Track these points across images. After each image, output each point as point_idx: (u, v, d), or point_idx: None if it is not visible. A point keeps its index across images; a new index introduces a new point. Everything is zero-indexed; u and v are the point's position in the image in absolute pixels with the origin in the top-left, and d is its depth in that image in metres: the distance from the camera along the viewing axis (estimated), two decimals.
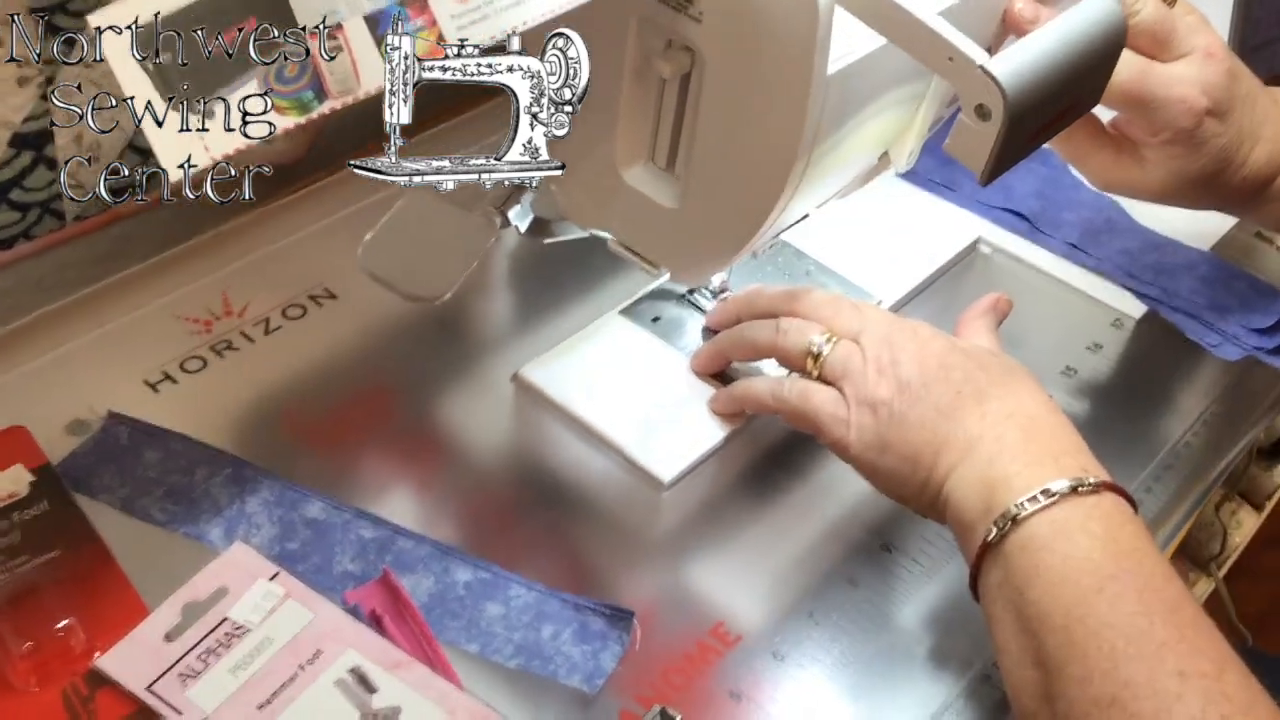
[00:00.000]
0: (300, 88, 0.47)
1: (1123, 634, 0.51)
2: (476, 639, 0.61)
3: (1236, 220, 0.90)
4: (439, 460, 0.70)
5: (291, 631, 0.59)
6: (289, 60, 0.47)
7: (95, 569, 0.61)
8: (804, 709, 0.61)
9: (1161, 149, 0.72)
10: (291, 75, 0.47)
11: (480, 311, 0.79)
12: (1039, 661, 0.54)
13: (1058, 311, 0.84)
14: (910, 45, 0.53)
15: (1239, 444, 0.77)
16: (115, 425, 0.68)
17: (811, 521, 0.69)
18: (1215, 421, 0.78)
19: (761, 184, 0.61)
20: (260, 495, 0.66)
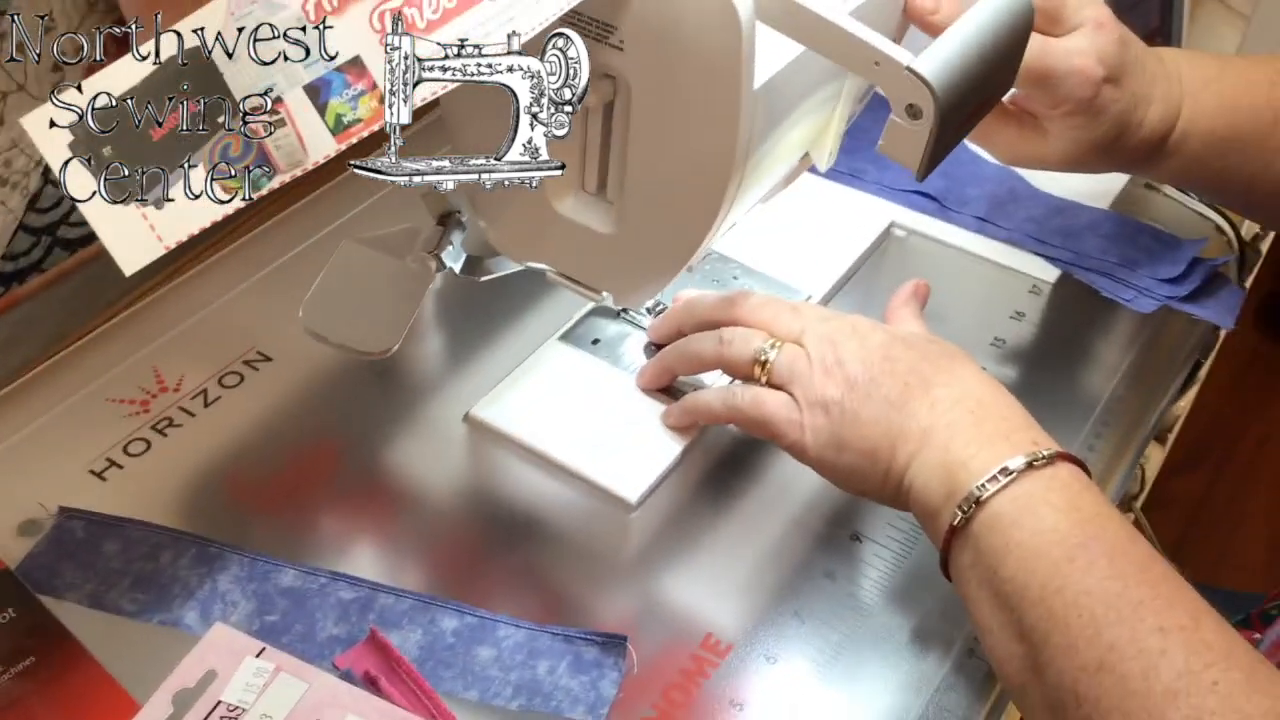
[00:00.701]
0: (248, 165, 0.47)
1: (1100, 599, 0.53)
2: (474, 685, 0.61)
3: (1129, 176, 0.94)
4: (402, 511, 0.70)
5: (288, 706, 0.59)
6: (231, 140, 0.46)
7: (75, 670, 0.60)
8: (805, 709, 0.62)
9: (1063, 120, 0.75)
10: (236, 154, 0.47)
11: (418, 355, 0.79)
12: (1022, 636, 0.55)
13: (977, 285, 0.87)
14: (836, 54, 0.54)
15: (1168, 391, 0.80)
16: (68, 520, 0.66)
17: (779, 522, 0.71)
18: (1142, 373, 0.81)
19: (698, 201, 0.62)
20: (230, 572, 0.65)
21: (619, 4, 0.56)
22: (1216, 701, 0.50)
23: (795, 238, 0.87)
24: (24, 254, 0.83)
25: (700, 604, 0.66)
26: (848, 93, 0.67)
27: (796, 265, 0.84)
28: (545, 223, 0.67)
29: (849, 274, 0.86)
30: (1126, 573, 0.54)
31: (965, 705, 0.63)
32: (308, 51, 0.46)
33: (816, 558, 0.69)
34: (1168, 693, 0.50)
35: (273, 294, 0.80)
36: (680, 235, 0.64)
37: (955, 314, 0.83)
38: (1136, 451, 0.77)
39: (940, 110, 0.53)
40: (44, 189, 0.81)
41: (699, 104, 0.58)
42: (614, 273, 0.68)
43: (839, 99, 0.67)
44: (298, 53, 0.46)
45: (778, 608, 0.66)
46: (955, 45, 0.54)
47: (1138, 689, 0.51)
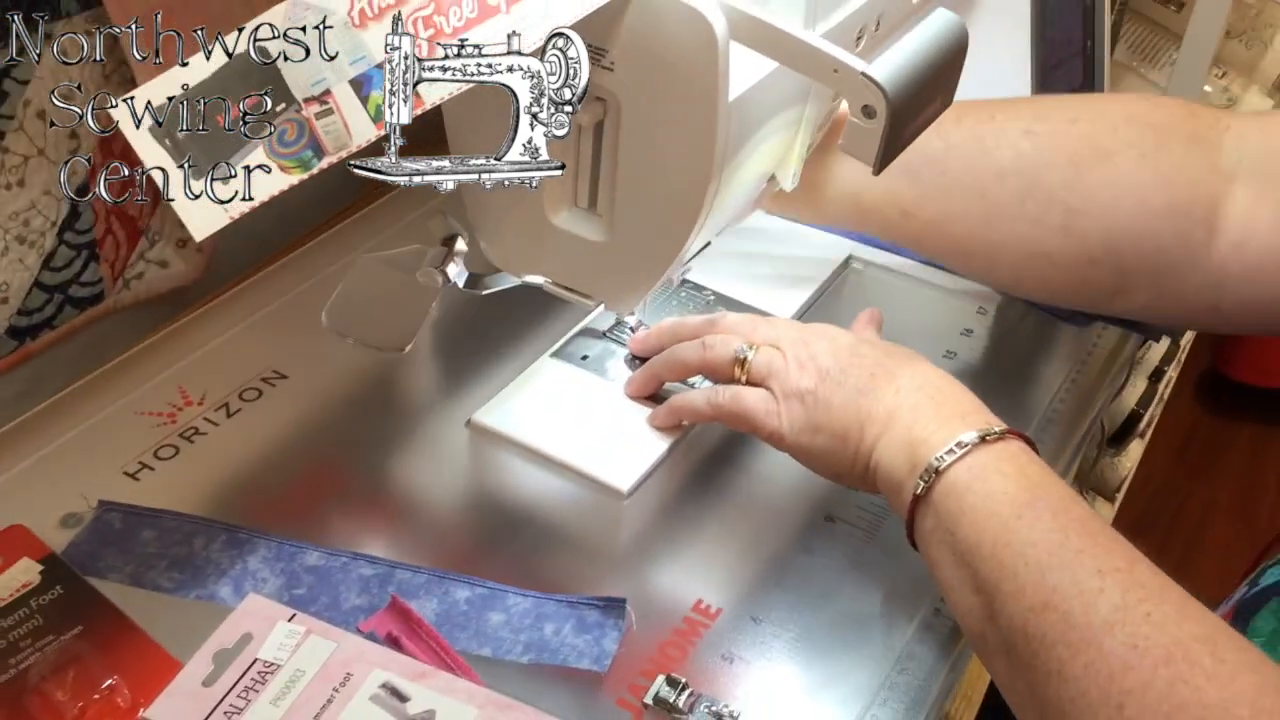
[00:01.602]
0: (300, 149, 0.54)
1: (1044, 549, 0.60)
2: (487, 644, 0.67)
3: None
4: (410, 510, 0.76)
5: (319, 661, 0.64)
6: (288, 126, 0.54)
7: (120, 636, 0.65)
8: (788, 660, 0.68)
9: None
10: (291, 139, 0.54)
11: (420, 372, 0.85)
12: (977, 588, 0.62)
13: (930, 307, 0.95)
14: (798, 64, 0.63)
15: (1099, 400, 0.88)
16: (107, 512, 0.72)
17: (761, 508, 0.77)
18: (1079, 381, 0.89)
19: (680, 208, 0.70)
20: (259, 554, 0.70)
21: (610, 28, 0.64)
22: (1150, 629, 0.56)
23: (763, 269, 0.95)
24: (37, 310, 0.88)
25: (690, 577, 0.73)
26: (809, 119, 0.76)
27: (764, 293, 0.92)
28: (540, 236, 0.75)
29: (812, 300, 0.94)
30: (1068, 526, 0.61)
31: (932, 657, 0.69)
32: (353, 50, 0.53)
33: (795, 536, 0.75)
34: (1105, 624, 0.56)
35: (287, 321, 0.87)
36: (664, 241, 0.72)
37: (910, 331, 0.91)
38: (1073, 452, 0.85)
39: (891, 109, 0.61)
40: (58, 249, 0.87)
41: (681, 117, 0.66)
42: (605, 280, 0.76)
43: (800, 124, 0.75)
44: (345, 51, 0.53)
45: (762, 577, 0.73)
46: (903, 55, 0.63)
47: (1079, 623, 0.57)
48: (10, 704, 0.61)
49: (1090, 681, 0.56)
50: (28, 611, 0.66)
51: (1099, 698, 0.55)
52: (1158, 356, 1.49)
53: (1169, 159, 0.79)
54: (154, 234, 0.91)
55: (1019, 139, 0.81)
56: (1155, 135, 0.80)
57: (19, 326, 0.86)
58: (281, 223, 0.97)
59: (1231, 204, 0.78)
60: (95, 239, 0.86)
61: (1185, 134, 0.80)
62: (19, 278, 0.83)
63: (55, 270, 0.87)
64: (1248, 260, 0.78)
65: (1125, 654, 0.55)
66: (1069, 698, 0.56)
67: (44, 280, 0.87)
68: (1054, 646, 0.57)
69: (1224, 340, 2.45)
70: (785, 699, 0.66)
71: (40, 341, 0.88)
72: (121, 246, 0.90)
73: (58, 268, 0.87)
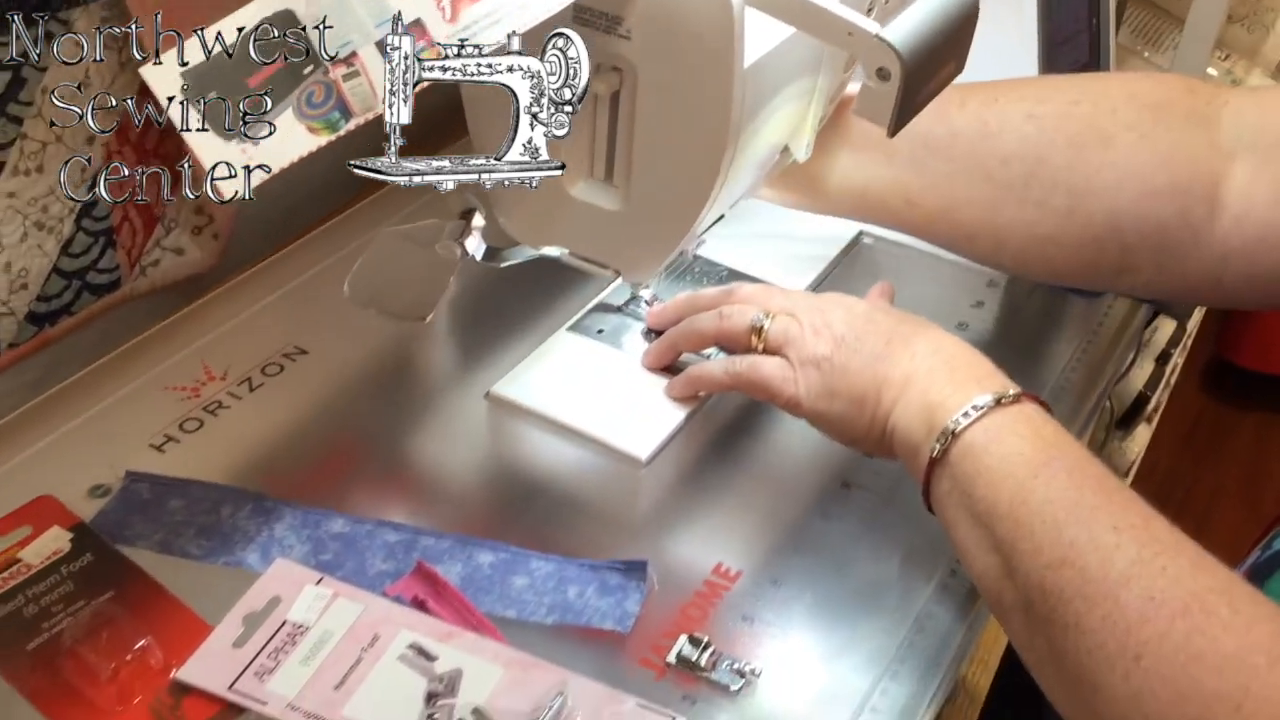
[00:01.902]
0: (328, 110, 0.55)
1: (1060, 506, 0.61)
2: (512, 606, 0.68)
3: None
4: (430, 481, 0.77)
5: (347, 623, 0.65)
6: (315, 88, 0.55)
7: (151, 600, 0.66)
8: (807, 621, 0.69)
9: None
10: (319, 100, 0.55)
11: (438, 346, 0.86)
12: (994, 547, 0.63)
13: (941, 280, 0.96)
14: (814, 28, 0.64)
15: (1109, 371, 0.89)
16: (135, 483, 0.73)
17: (778, 475, 0.78)
18: (1089, 352, 0.90)
19: (696, 176, 0.71)
20: (285, 521, 0.71)
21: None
22: (1166, 582, 0.57)
23: (776, 244, 0.96)
24: (55, 296, 0.89)
25: (710, 540, 0.73)
26: (821, 89, 0.77)
27: (777, 267, 0.93)
28: (557, 207, 0.76)
29: (825, 274, 0.95)
30: (1084, 485, 0.61)
31: (949, 619, 0.70)
32: (378, 12, 0.54)
33: (812, 502, 0.76)
34: (1121, 578, 0.57)
35: (307, 298, 0.88)
36: (681, 210, 0.73)
37: (922, 304, 0.90)
38: (1085, 419, 0.86)
39: (906, 72, 0.62)
40: (76, 235, 0.88)
41: (697, 84, 0.67)
42: (622, 250, 0.77)
43: (814, 94, 0.76)
44: (370, 14, 0.54)
45: (780, 542, 0.73)
46: (917, 19, 0.64)
47: (1095, 577, 0.58)
48: (45, 665, 0.63)
49: (1108, 634, 0.56)
50: (59, 578, 0.67)
51: (1116, 649, 0.56)
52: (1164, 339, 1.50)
53: (1168, 138, 0.80)
54: (170, 221, 0.92)
55: (1022, 123, 0.82)
56: (1154, 115, 0.81)
57: (38, 313, 0.86)
58: (293, 213, 0.98)
59: (1231, 179, 0.79)
60: (112, 226, 0.87)
61: (1184, 112, 0.81)
62: (38, 264, 0.84)
63: (73, 257, 0.87)
64: (1248, 234, 0.79)
65: (1142, 606, 0.56)
66: (1086, 649, 0.57)
67: (62, 266, 0.87)
68: (1071, 601, 0.58)
69: (1229, 326, 2.46)
70: (805, 659, 0.67)
71: (59, 328, 0.89)
72: (138, 233, 0.90)
73: (76, 254, 0.88)
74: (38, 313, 0.86)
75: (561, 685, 0.62)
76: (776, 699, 0.65)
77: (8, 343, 0.84)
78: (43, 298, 0.86)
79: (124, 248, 0.89)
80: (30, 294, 0.84)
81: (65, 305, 0.89)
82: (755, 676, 0.65)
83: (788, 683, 0.66)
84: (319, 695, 0.62)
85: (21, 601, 0.65)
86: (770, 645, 0.68)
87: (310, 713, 0.61)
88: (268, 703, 0.61)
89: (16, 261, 0.82)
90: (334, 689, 0.62)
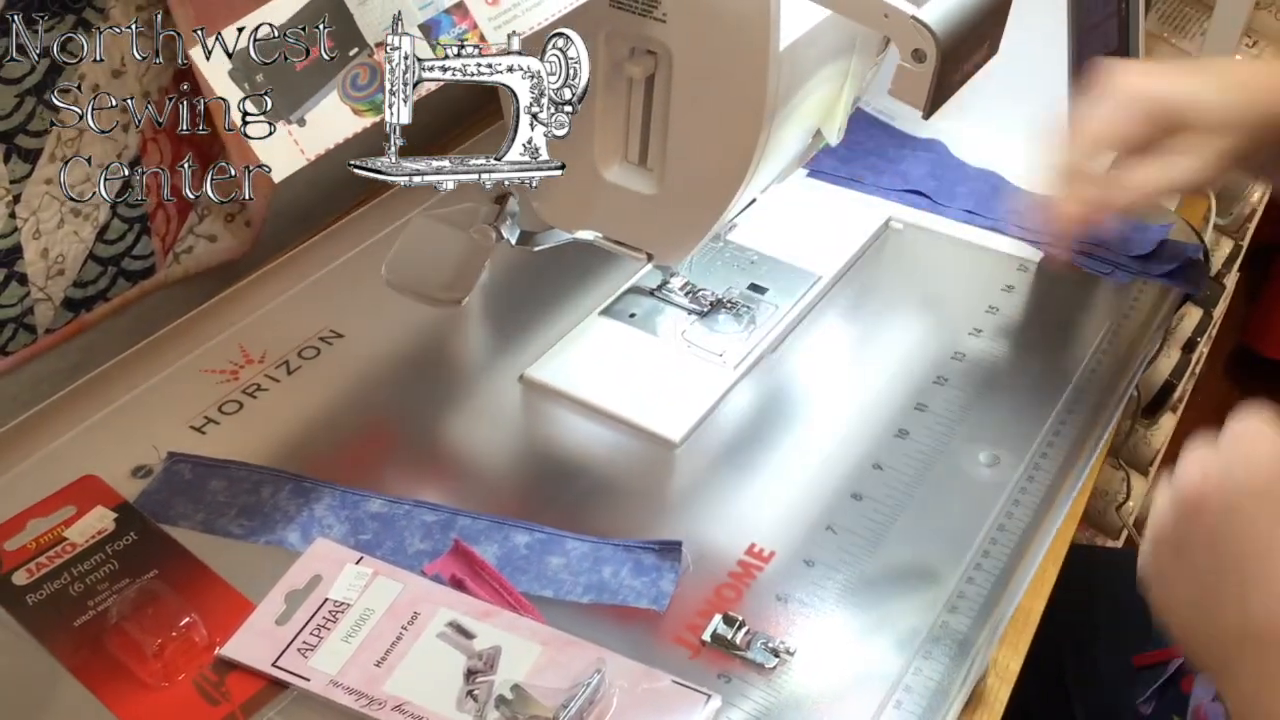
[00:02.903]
0: (372, 92, 0.56)
1: None
2: (548, 585, 0.69)
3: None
4: (465, 462, 0.78)
5: (387, 601, 0.66)
6: (360, 70, 0.55)
7: (194, 578, 0.67)
8: (840, 601, 0.70)
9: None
10: (364, 82, 0.56)
11: (472, 331, 0.87)
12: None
13: (970, 266, 0.96)
14: (851, 10, 0.64)
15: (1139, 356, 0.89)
16: (177, 464, 0.74)
17: (809, 457, 0.79)
18: (1120, 336, 0.90)
19: (731, 158, 0.71)
20: (324, 501, 0.72)
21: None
22: None
23: (802, 231, 0.96)
24: (91, 282, 0.90)
25: (743, 522, 0.74)
26: (854, 72, 0.77)
27: (805, 252, 0.94)
28: (591, 191, 0.76)
29: (852, 260, 0.95)
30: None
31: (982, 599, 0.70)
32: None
33: (844, 484, 0.77)
34: None
35: (342, 283, 0.89)
36: (714, 193, 0.74)
37: (953, 288, 0.92)
38: (1115, 404, 0.86)
39: (941, 52, 0.63)
40: (111, 221, 0.89)
41: (732, 67, 0.67)
42: (656, 233, 0.77)
43: (847, 77, 0.77)
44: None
45: (813, 522, 0.74)
46: (952, 1, 0.64)
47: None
48: (91, 642, 0.64)
49: None
50: (104, 556, 0.68)
51: None
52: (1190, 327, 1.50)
53: None
54: (204, 208, 0.93)
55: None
56: None
57: (74, 299, 0.88)
58: (325, 201, 0.99)
59: None
60: (147, 213, 0.88)
61: None
62: (74, 250, 0.85)
63: (109, 243, 0.88)
64: None
65: None
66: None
67: (98, 253, 0.89)
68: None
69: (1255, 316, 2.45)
70: (839, 638, 0.68)
71: (94, 314, 0.90)
72: (172, 220, 0.91)
73: (111, 240, 0.89)
74: (74, 299, 0.87)
75: (598, 663, 0.63)
76: (810, 678, 0.65)
77: (45, 328, 0.85)
78: (79, 284, 0.87)
79: (158, 234, 0.90)
80: (67, 280, 0.85)
81: (101, 291, 0.90)
82: (790, 655, 0.66)
83: (821, 662, 0.66)
84: (361, 671, 0.62)
85: (67, 580, 0.67)
86: (804, 625, 0.68)
87: (353, 688, 0.62)
88: (310, 679, 0.62)
89: (54, 248, 0.83)
90: (375, 665, 0.63)
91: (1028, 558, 0.73)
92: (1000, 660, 0.70)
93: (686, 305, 0.87)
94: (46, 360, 0.86)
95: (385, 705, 0.61)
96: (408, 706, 0.61)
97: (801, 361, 0.86)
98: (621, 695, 0.62)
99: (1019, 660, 0.71)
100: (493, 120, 1.07)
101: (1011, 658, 0.71)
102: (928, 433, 0.80)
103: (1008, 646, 0.71)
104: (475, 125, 1.07)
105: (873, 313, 0.92)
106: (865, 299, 0.92)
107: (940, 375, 0.85)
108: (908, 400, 0.83)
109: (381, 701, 0.61)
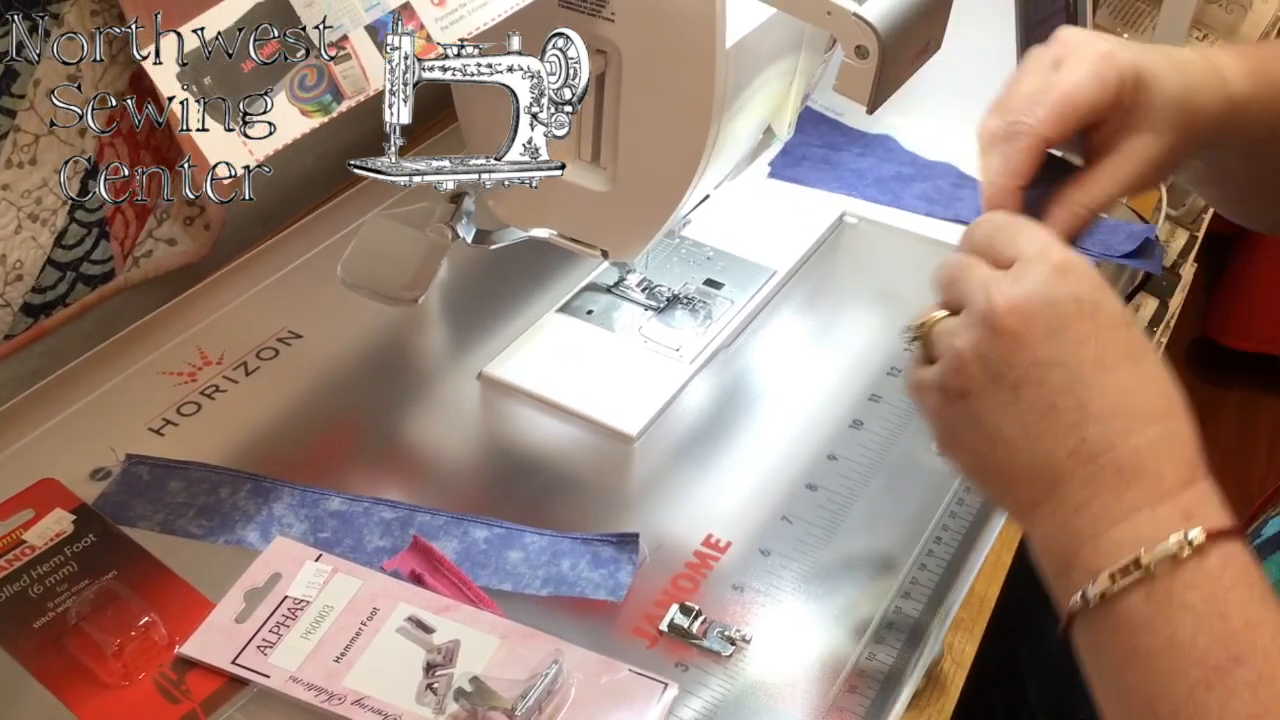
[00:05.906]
0: (320, 92, 0.57)
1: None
2: (507, 579, 0.69)
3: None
4: (425, 460, 0.78)
5: (347, 597, 0.67)
6: (308, 71, 0.56)
7: (153, 578, 0.67)
8: (795, 589, 0.71)
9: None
10: (312, 83, 0.56)
11: (430, 329, 0.88)
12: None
13: (924, 257, 0.95)
14: (794, 7, 0.65)
15: None
16: (135, 465, 0.74)
17: (763, 447, 0.80)
18: None
19: (682, 154, 0.72)
20: (284, 500, 0.73)
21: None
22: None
23: (757, 227, 0.97)
24: (50, 288, 0.90)
25: (700, 512, 0.75)
26: (802, 69, 0.78)
27: (761, 248, 0.95)
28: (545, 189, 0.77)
29: (808, 255, 0.96)
30: (1273, 710, 0.47)
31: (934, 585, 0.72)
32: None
33: (800, 474, 0.78)
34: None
35: (300, 284, 0.90)
36: (666, 190, 0.75)
37: (906, 281, 0.93)
38: None
39: (883, 49, 0.64)
40: (69, 226, 0.89)
41: (680, 62, 0.68)
42: (610, 230, 0.78)
43: (795, 73, 0.78)
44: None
45: (769, 512, 0.75)
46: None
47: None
48: (51, 643, 0.64)
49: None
50: (63, 558, 0.68)
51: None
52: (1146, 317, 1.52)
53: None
54: (162, 212, 0.93)
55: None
56: None
57: (33, 304, 0.87)
58: (284, 202, 1.00)
59: None
60: (105, 217, 0.88)
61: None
62: (32, 255, 0.85)
63: (67, 248, 0.88)
64: None
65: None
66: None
67: (56, 258, 0.89)
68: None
69: (1213, 307, 2.47)
70: (794, 625, 0.69)
71: (54, 319, 0.90)
72: (130, 225, 0.92)
73: (69, 245, 0.89)
74: (33, 304, 0.87)
75: (556, 654, 0.64)
76: (766, 665, 0.66)
77: (4, 334, 0.85)
78: (38, 289, 0.87)
79: (117, 239, 0.90)
80: (25, 285, 0.85)
81: (60, 296, 0.90)
82: (746, 643, 0.67)
83: (777, 649, 0.67)
84: (320, 667, 0.63)
85: (26, 582, 0.67)
86: (760, 613, 0.69)
87: (312, 684, 0.62)
88: (270, 675, 0.62)
89: (11, 254, 0.83)
90: (334, 661, 0.63)
91: (979, 544, 0.74)
92: (955, 645, 0.71)
93: (643, 301, 0.88)
94: (7, 366, 0.86)
95: (345, 700, 0.62)
96: (368, 701, 0.62)
97: (757, 355, 0.87)
98: (580, 685, 0.63)
99: (974, 644, 0.73)
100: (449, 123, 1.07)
101: (967, 642, 0.72)
102: (882, 423, 0.81)
103: (962, 631, 0.72)
104: (435, 126, 1.08)
105: (828, 306, 0.93)
106: (820, 293, 0.94)
107: (894, 366, 0.86)
108: (862, 391, 0.84)
109: (341, 696, 0.62)
